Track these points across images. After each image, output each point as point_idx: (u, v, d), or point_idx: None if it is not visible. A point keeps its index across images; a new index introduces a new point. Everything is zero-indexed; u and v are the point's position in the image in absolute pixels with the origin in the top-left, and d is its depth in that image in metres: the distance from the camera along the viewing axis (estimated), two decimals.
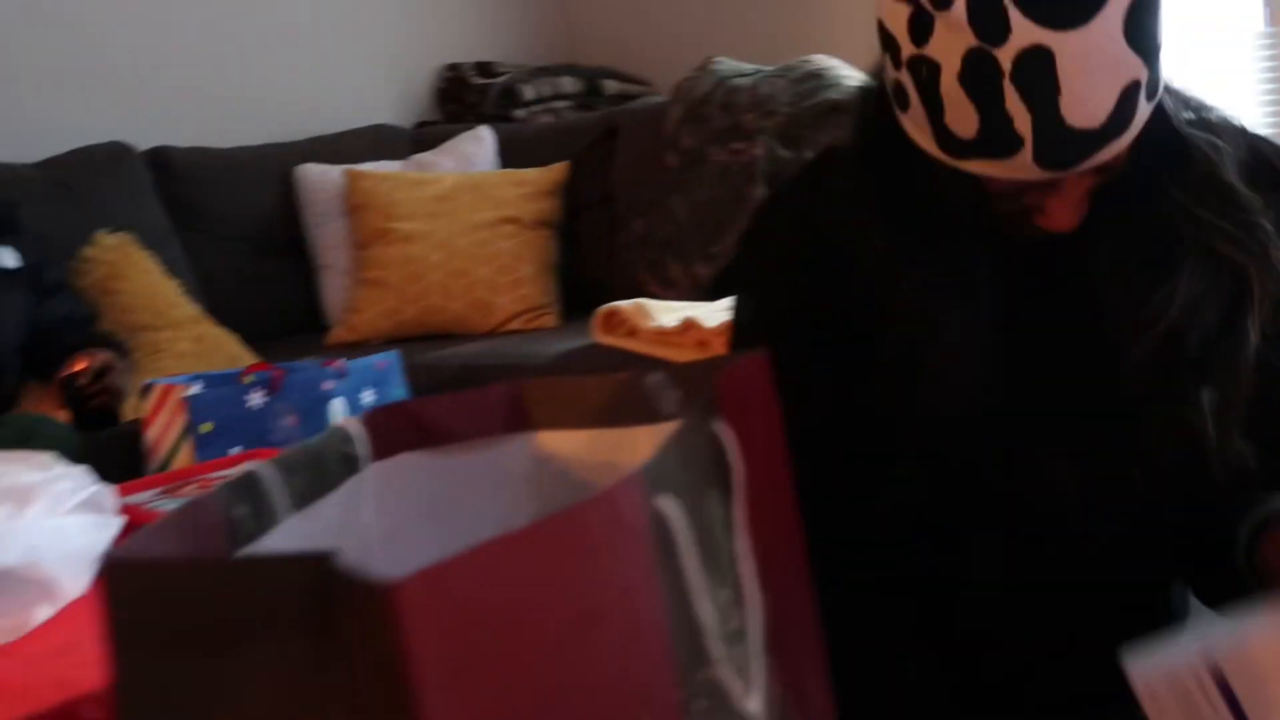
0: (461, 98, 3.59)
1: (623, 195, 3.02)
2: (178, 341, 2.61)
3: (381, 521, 0.77)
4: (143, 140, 2.96)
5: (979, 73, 0.77)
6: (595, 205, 3.08)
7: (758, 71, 2.89)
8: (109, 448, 2.04)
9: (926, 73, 0.80)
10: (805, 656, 0.73)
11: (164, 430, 2.02)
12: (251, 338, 2.78)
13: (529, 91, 3.50)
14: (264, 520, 0.65)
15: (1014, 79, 0.76)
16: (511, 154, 3.25)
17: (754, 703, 0.60)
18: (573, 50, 3.86)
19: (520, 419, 0.83)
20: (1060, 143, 0.78)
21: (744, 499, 0.65)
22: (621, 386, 0.80)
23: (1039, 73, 0.76)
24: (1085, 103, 0.77)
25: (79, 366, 2.14)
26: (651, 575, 0.51)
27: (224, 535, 0.61)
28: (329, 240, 3.10)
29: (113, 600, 0.50)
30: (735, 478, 0.64)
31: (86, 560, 1.15)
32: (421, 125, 3.56)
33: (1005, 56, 0.76)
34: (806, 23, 3.30)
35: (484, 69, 3.62)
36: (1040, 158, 0.78)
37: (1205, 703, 0.75)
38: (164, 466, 2.01)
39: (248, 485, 0.64)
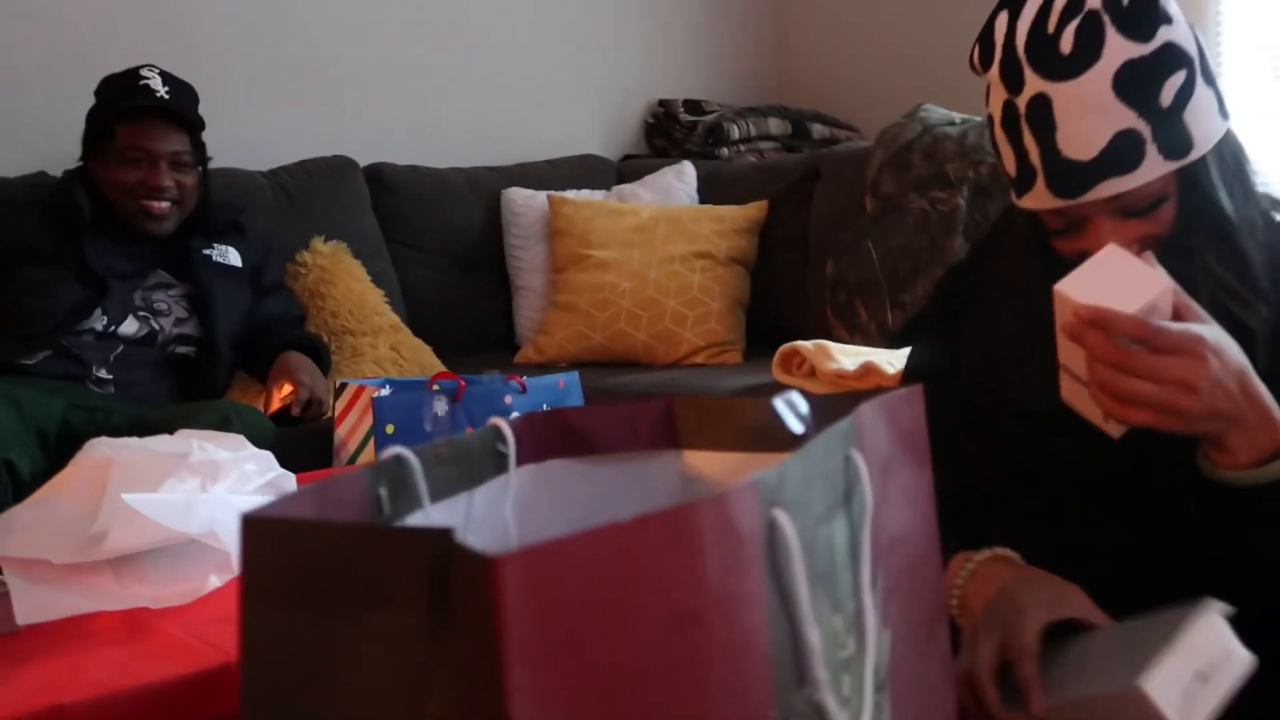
0: (669, 133, 3.65)
1: (817, 237, 3.01)
2: (377, 347, 2.72)
3: (522, 521, 0.78)
4: (364, 156, 3.12)
5: (1009, 118, 1.01)
6: (790, 245, 3.07)
7: (966, 121, 2.83)
8: (303, 441, 2.15)
9: (989, 126, 1.05)
10: (930, 704, 0.71)
11: (353, 429, 2.12)
12: (446, 350, 2.87)
13: (736, 130, 3.53)
14: (403, 504, 0.67)
15: (1027, 120, 1.00)
16: (712, 190, 3.28)
17: None
18: (782, 92, 3.88)
19: (670, 436, 0.84)
20: (1062, 172, 0.98)
21: (873, 530, 0.64)
22: (771, 411, 0.80)
23: (1042, 114, 0.98)
24: (1076, 138, 0.97)
25: (287, 396, 2.25)
26: (758, 586, 0.51)
27: (363, 511, 0.63)
28: (528, 263, 3.19)
29: (248, 554, 0.53)
30: (864, 508, 0.63)
31: None
32: (628, 158, 3.64)
33: (1022, 103, 1.00)
34: None
35: (693, 106, 3.67)
36: (1051, 185, 0.99)
37: None
38: (350, 462, 2.10)
39: (392, 468, 0.67)
